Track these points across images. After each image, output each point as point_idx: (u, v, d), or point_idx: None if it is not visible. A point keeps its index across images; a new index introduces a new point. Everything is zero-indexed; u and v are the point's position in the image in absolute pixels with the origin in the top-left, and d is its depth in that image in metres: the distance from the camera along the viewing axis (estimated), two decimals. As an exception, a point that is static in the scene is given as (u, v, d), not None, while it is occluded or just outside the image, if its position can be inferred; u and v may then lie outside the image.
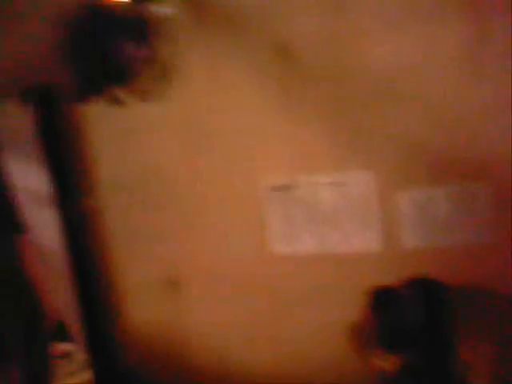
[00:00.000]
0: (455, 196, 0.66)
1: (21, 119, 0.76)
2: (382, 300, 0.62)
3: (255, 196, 0.74)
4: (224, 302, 0.79)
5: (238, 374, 0.80)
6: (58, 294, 0.83)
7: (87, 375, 0.84)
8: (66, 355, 0.86)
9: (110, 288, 0.85)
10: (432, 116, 0.65)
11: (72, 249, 0.83)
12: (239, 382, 0.80)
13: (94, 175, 0.81)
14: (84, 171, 0.80)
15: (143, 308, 0.84)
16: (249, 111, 0.72)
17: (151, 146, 0.76)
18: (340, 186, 0.71)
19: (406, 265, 0.67)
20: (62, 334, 0.85)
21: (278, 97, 0.70)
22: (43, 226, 0.83)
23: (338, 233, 0.71)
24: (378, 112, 0.67)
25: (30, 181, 0.81)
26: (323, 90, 0.68)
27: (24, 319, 0.77)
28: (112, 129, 0.75)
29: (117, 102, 0.49)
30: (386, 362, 0.56)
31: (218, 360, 0.81)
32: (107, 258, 0.84)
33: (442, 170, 0.66)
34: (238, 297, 0.78)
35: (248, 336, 0.79)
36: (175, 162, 0.76)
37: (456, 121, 0.64)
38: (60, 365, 0.84)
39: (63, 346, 0.85)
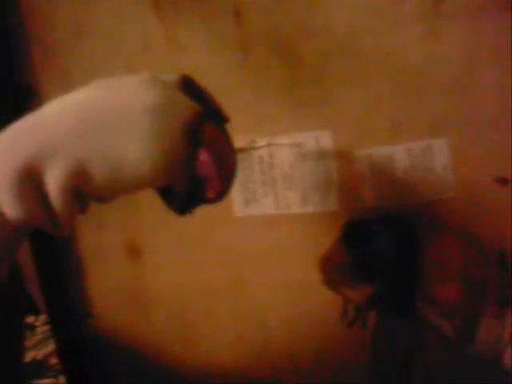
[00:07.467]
0: (414, 153, 0.65)
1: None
2: (354, 232, 0.62)
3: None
4: (186, 266, 0.77)
5: (200, 338, 0.79)
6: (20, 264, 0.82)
7: (50, 347, 0.83)
8: (29, 328, 0.85)
9: (71, 257, 0.84)
10: (390, 73, 0.63)
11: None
12: (201, 346, 0.80)
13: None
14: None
15: (105, 276, 0.82)
16: (208, 73, 0.70)
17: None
18: (297, 147, 0.70)
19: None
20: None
21: (237, 59, 0.68)
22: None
23: (297, 193, 0.71)
24: (335, 72, 0.65)
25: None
26: (280, 52, 0.67)
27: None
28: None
29: None
30: (355, 293, 0.57)
31: (180, 325, 0.80)
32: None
33: (401, 128, 0.65)
34: (200, 260, 0.76)
35: (210, 298, 0.78)
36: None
37: (415, 77, 0.63)
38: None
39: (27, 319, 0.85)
